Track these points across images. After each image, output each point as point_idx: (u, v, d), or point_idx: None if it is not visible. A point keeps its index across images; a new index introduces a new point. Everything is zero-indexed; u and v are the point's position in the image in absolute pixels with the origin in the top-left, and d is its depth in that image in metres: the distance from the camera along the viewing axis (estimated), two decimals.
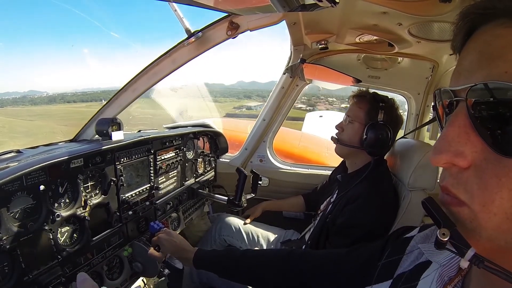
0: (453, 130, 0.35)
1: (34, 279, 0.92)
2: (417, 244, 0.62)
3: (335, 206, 1.37)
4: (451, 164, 0.35)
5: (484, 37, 0.36)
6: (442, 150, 0.35)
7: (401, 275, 0.60)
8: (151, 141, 1.43)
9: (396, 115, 1.39)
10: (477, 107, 0.34)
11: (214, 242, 1.84)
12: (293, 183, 2.06)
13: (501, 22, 0.34)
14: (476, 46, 0.36)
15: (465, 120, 0.35)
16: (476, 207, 0.34)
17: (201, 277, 1.47)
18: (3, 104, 39.33)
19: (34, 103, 36.09)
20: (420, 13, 0.92)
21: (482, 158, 0.33)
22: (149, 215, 1.46)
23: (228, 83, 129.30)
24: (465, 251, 0.35)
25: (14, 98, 46.05)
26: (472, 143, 0.34)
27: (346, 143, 1.42)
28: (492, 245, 0.35)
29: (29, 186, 0.90)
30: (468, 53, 0.38)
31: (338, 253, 0.87)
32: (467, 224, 0.35)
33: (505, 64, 0.32)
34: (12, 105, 36.67)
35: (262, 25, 1.23)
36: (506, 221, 0.32)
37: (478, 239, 0.34)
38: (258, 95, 24.77)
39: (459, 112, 0.35)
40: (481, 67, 0.34)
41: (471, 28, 0.38)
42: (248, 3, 0.89)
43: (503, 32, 0.33)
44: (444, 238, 0.35)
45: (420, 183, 1.27)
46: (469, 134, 0.34)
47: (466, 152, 0.34)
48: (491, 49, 0.34)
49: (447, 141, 0.35)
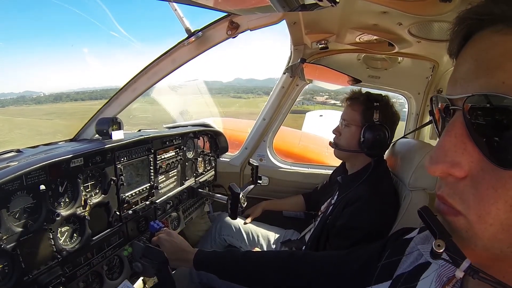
0: (449, 140, 0.35)
1: (34, 279, 0.92)
2: (416, 245, 0.62)
3: (335, 207, 1.37)
4: (447, 174, 0.35)
5: (481, 44, 0.35)
6: (439, 160, 0.35)
7: (401, 276, 0.60)
8: (151, 140, 1.43)
9: (392, 113, 1.38)
10: (474, 117, 0.33)
11: (214, 242, 1.84)
12: (293, 183, 2.07)
13: (499, 29, 0.33)
14: (473, 54, 0.36)
15: (462, 129, 0.34)
16: (472, 217, 0.34)
17: (201, 277, 1.47)
18: (4, 104, 38.97)
19: (38, 102, 35.66)
20: (420, 13, 0.92)
21: (478, 168, 0.33)
22: (149, 214, 1.46)
23: (225, 80, 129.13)
24: (460, 262, 0.35)
25: (12, 98, 45.46)
26: (468, 153, 0.34)
27: (344, 147, 1.41)
28: (487, 254, 0.35)
29: (29, 185, 0.90)
30: (464, 60, 0.37)
31: (338, 254, 0.88)
32: (463, 233, 0.35)
33: (503, 74, 0.31)
34: (14, 104, 36.19)
35: (262, 25, 1.23)
36: (502, 231, 0.32)
37: (473, 248, 0.35)
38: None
39: (455, 121, 0.35)
40: (478, 76, 0.34)
41: (468, 33, 0.37)
42: (248, 3, 0.88)
43: (500, 39, 0.33)
44: (439, 250, 0.35)
45: (421, 183, 1.27)
46: (466, 144, 0.34)
47: (462, 162, 0.34)
48: (488, 57, 0.33)
49: (443, 151, 0.35)
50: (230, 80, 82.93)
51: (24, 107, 32.44)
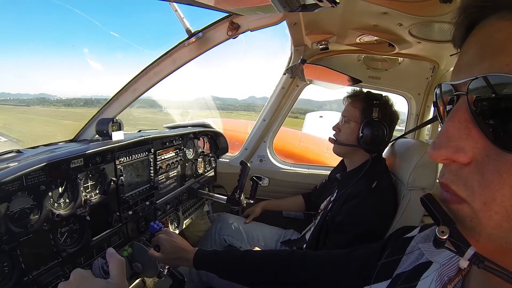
0: (453, 125, 0.34)
1: (34, 279, 0.92)
2: (417, 244, 0.61)
3: (334, 204, 1.38)
4: (451, 160, 0.34)
5: (484, 31, 0.35)
6: (442, 145, 0.34)
7: (400, 275, 0.60)
8: (151, 141, 1.43)
9: (391, 112, 1.41)
10: (478, 101, 0.33)
11: (214, 242, 1.84)
12: (293, 183, 2.07)
13: (502, 15, 0.33)
14: (477, 40, 0.35)
15: (466, 114, 0.33)
16: (476, 205, 0.32)
17: (201, 276, 1.47)
18: (29, 103, 39.16)
19: (68, 104, 35.44)
20: (421, 14, 0.92)
21: (483, 154, 0.32)
22: (149, 215, 1.46)
23: (240, 98, 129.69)
24: (464, 250, 0.34)
25: (39, 99, 45.41)
26: (473, 139, 0.33)
27: (343, 142, 1.44)
28: (492, 245, 0.34)
29: (29, 186, 0.90)
30: (468, 47, 0.37)
31: (339, 253, 0.88)
32: (467, 222, 0.34)
33: (506, 57, 0.31)
34: (40, 104, 36.21)
35: (262, 25, 1.23)
36: (507, 219, 0.31)
37: (477, 238, 0.33)
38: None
39: (459, 107, 0.34)
40: (482, 60, 0.33)
41: (471, 22, 0.37)
42: (248, 3, 0.89)
43: (503, 25, 0.33)
44: (443, 236, 0.34)
45: (420, 182, 1.27)
46: (470, 129, 0.33)
47: (466, 147, 0.33)
48: (491, 42, 0.33)
49: (447, 136, 0.34)
50: (245, 98, 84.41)
51: (54, 108, 32.47)
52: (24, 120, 20.65)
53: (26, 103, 39.67)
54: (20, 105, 37.00)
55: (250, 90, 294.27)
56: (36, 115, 24.95)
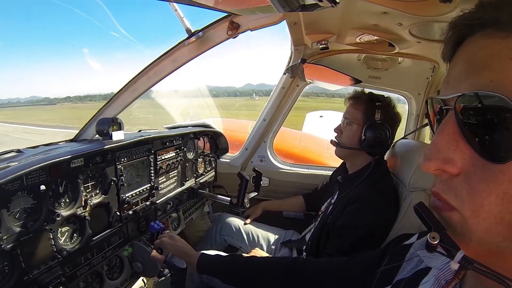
0: (442, 138, 0.36)
1: (34, 279, 0.92)
2: (416, 251, 0.63)
3: (335, 207, 1.37)
4: (441, 170, 0.36)
5: (471, 48, 0.37)
6: (432, 157, 0.36)
7: (400, 281, 0.61)
8: (151, 141, 1.43)
9: (393, 113, 1.39)
10: (465, 116, 0.35)
11: (214, 242, 1.84)
12: (293, 183, 2.06)
13: (487, 33, 0.35)
14: (464, 56, 0.38)
15: (454, 128, 0.36)
16: (466, 212, 0.35)
17: (202, 277, 1.47)
18: (31, 103, 39.44)
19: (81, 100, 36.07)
20: (421, 13, 0.92)
21: (470, 164, 0.34)
22: (149, 215, 1.46)
23: (238, 85, 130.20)
24: (454, 253, 0.36)
25: (36, 100, 45.61)
26: (461, 150, 0.35)
27: (346, 145, 1.42)
28: (483, 249, 0.36)
29: (30, 185, 0.90)
30: (456, 63, 0.39)
31: (339, 260, 0.89)
32: (458, 228, 0.36)
33: (490, 73, 0.33)
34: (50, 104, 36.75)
35: (262, 25, 1.23)
36: (496, 225, 0.33)
37: (468, 242, 0.36)
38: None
39: (448, 120, 0.36)
40: (468, 77, 0.35)
41: (460, 38, 0.39)
42: (248, 3, 0.89)
43: (488, 42, 0.35)
44: (434, 242, 0.36)
45: (421, 183, 1.27)
46: (458, 141, 0.35)
47: (455, 159, 0.35)
48: (477, 59, 0.35)
49: (436, 148, 0.36)
50: (242, 85, 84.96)
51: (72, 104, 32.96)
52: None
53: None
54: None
55: (246, 78, 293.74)
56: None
